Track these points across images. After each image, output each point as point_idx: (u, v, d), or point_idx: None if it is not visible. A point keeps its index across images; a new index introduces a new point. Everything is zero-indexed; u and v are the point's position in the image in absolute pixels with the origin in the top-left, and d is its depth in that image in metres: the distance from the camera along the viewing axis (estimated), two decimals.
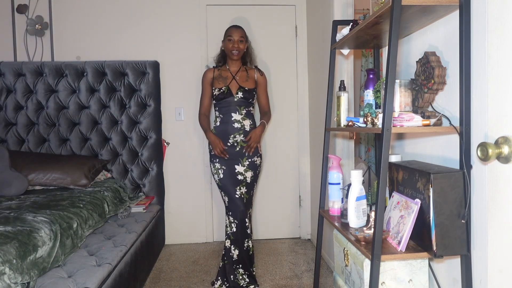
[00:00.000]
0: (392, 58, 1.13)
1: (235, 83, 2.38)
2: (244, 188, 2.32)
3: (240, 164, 2.32)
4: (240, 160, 2.33)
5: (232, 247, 2.29)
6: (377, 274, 1.15)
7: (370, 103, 1.53)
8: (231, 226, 2.30)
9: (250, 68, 2.48)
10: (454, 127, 1.17)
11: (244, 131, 2.35)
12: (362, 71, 3.53)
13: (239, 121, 2.34)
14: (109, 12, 3.01)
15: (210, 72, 2.44)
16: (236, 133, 2.33)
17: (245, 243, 2.30)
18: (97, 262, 1.66)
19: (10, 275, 1.24)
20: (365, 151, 3.53)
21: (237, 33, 2.36)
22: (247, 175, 2.33)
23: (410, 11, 1.20)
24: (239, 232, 2.28)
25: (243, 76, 2.42)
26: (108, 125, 2.87)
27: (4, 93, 2.80)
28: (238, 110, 2.35)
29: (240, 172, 2.32)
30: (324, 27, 2.54)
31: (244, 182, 2.33)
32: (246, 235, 2.29)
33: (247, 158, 2.34)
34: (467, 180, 1.12)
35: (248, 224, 2.31)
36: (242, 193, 2.32)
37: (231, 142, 2.33)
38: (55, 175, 2.42)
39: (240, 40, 2.36)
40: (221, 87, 2.36)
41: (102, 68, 2.85)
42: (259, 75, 2.46)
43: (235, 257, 2.28)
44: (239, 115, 2.34)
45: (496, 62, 1.01)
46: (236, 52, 2.36)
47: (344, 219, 1.55)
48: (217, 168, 2.35)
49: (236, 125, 2.33)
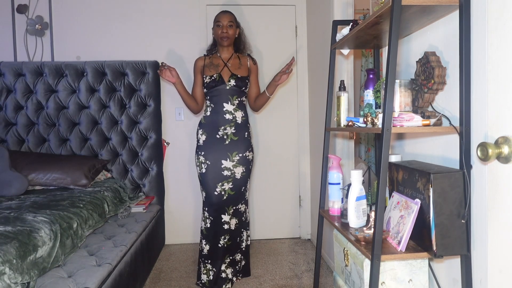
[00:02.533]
0: (392, 58, 1.13)
1: (227, 70, 2.29)
2: (230, 184, 2.25)
3: (228, 159, 2.24)
4: (228, 155, 2.24)
5: (204, 241, 2.28)
6: (377, 274, 1.15)
7: (370, 103, 1.53)
8: (205, 221, 2.29)
9: (243, 55, 2.40)
10: (454, 127, 1.17)
11: (236, 123, 2.26)
12: (362, 71, 3.53)
13: (231, 112, 2.25)
14: (109, 12, 3.01)
15: (201, 60, 2.37)
16: (227, 125, 2.25)
17: (221, 240, 2.26)
18: (97, 262, 1.66)
19: (10, 275, 1.24)
20: (365, 151, 3.53)
21: (225, 17, 2.27)
22: (236, 170, 2.25)
23: (410, 11, 1.20)
24: (212, 228, 2.26)
25: (235, 63, 2.34)
26: (108, 125, 2.87)
27: (4, 93, 2.80)
28: (230, 100, 2.26)
29: (227, 167, 2.24)
30: (324, 27, 2.54)
31: (231, 178, 2.25)
32: (221, 232, 2.25)
33: (238, 153, 2.26)
34: (467, 180, 1.12)
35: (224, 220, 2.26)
36: (223, 190, 2.25)
37: (221, 135, 2.25)
38: (55, 175, 2.42)
39: (229, 25, 2.27)
40: (212, 74, 2.27)
41: (102, 68, 2.85)
42: (252, 63, 2.39)
43: (205, 252, 2.27)
44: (231, 106, 2.25)
45: (496, 62, 1.01)
46: (226, 38, 2.27)
47: (344, 219, 1.55)
48: (200, 162, 2.27)
49: (227, 116, 2.25)
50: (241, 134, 2.29)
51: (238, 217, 2.32)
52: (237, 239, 2.32)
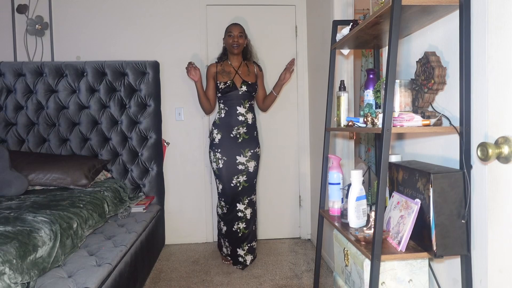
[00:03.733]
0: (392, 58, 1.13)
1: (238, 77, 2.59)
2: (245, 177, 2.55)
3: (242, 155, 2.53)
4: (242, 151, 2.53)
5: (222, 223, 2.60)
6: (377, 274, 1.15)
7: (370, 103, 1.53)
8: (222, 208, 2.60)
9: (250, 63, 2.69)
10: (454, 127, 1.17)
11: (247, 124, 2.56)
12: (362, 71, 3.53)
13: (243, 114, 2.55)
14: (109, 12, 3.01)
15: (213, 66, 2.64)
16: (240, 126, 2.54)
17: (235, 225, 2.55)
18: (97, 262, 1.66)
19: (10, 275, 1.24)
20: (365, 151, 3.53)
21: (236, 29, 2.58)
22: (249, 164, 2.55)
23: (410, 11, 1.20)
24: (228, 214, 2.57)
25: (244, 70, 2.63)
26: (108, 125, 2.87)
27: (4, 93, 2.80)
28: (243, 104, 2.55)
29: (242, 162, 2.53)
30: (324, 27, 2.54)
31: (245, 171, 2.54)
32: (236, 218, 2.55)
33: (249, 150, 2.55)
34: (467, 180, 1.12)
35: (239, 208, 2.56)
36: (239, 182, 2.54)
37: (234, 134, 2.53)
38: (55, 175, 2.42)
39: (239, 35, 2.57)
40: (226, 81, 2.56)
41: (102, 68, 2.85)
42: (258, 69, 2.70)
43: (223, 232, 2.60)
44: (243, 108, 2.55)
45: (496, 62, 1.01)
46: (236, 46, 2.56)
47: (344, 219, 1.55)
48: (217, 158, 2.55)
49: (240, 118, 2.54)
50: (251, 133, 2.59)
51: (252, 207, 2.60)
52: (252, 227, 2.60)
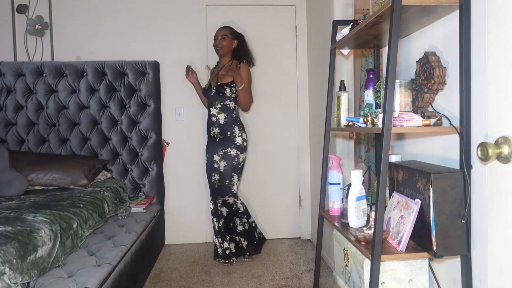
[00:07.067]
0: (392, 58, 1.13)
1: (215, 79, 2.66)
2: (217, 175, 2.63)
3: (216, 154, 2.63)
4: (217, 150, 2.62)
5: (214, 219, 2.68)
6: (377, 274, 1.15)
7: (370, 103, 1.53)
8: (210, 203, 2.73)
9: (236, 62, 2.66)
10: (454, 127, 1.17)
11: (219, 124, 2.61)
12: (362, 71, 3.53)
13: (215, 115, 2.62)
14: (109, 12, 3.01)
15: (212, 69, 2.82)
16: (213, 126, 2.64)
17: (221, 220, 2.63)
18: (97, 262, 1.66)
19: (10, 275, 1.24)
20: (365, 151, 3.53)
21: (219, 32, 2.65)
22: (220, 164, 2.62)
23: (410, 11, 1.20)
24: (214, 209, 2.68)
25: (224, 71, 2.65)
26: (108, 125, 2.87)
27: (4, 93, 2.80)
28: (214, 105, 2.62)
29: (216, 160, 2.63)
30: (324, 27, 2.54)
31: (218, 170, 2.62)
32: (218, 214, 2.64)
33: (222, 149, 2.61)
34: (467, 180, 1.12)
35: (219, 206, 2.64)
36: (215, 180, 2.64)
37: (211, 134, 2.66)
38: (55, 175, 2.42)
39: (222, 37, 2.63)
40: (206, 84, 2.72)
41: (102, 68, 2.85)
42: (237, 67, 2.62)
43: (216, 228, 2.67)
44: (215, 109, 2.62)
45: (496, 62, 1.01)
46: (219, 48, 2.64)
47: (344, 219, 1.55)
48: (205, 155, 2.73)
49: (213, 118, 2.63)
50: (225, 133, 2.62)
51: (228, 207, 2.65)
52: (230, 224, 2.67)
